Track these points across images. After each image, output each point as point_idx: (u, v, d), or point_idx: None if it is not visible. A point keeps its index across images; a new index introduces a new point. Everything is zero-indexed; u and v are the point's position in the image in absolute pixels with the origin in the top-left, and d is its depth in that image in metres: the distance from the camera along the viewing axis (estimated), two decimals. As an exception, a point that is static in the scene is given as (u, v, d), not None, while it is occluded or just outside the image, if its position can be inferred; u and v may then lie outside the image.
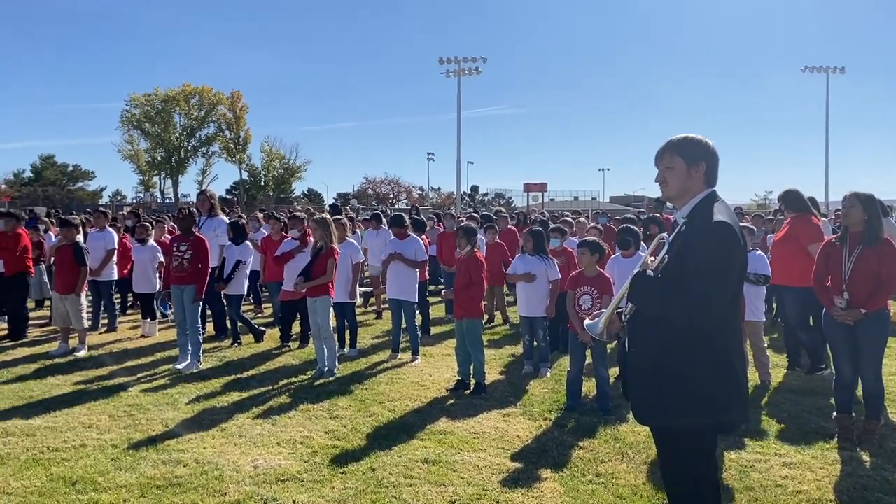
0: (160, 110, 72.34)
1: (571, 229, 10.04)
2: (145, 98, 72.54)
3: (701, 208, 3.10)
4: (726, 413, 3.06)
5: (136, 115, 72.58)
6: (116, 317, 10.86)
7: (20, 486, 4.68)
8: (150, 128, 72.50)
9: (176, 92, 72.75)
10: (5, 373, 7.90)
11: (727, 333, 3.06)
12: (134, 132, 73.31)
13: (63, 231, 9.41)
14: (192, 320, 8.14)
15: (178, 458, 5.22)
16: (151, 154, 74.03)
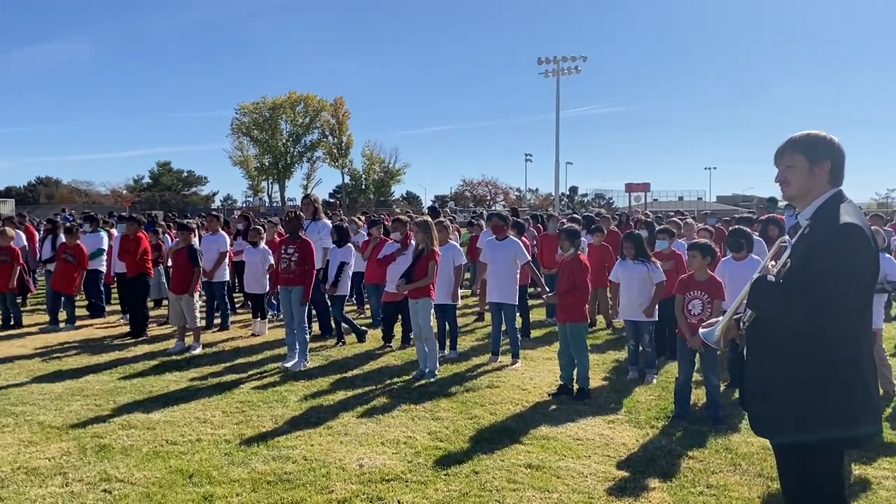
0: (268, 118, 75.27)
1: (679, 231, 9.72)
2: (254, 106, 75.65)
3: (826, 209, 2.92)
4: (855, 427, 2.85)
5: (246, 122, 75.83)
6: (229, 316, 11.32)
7: (142, 477, 4.93)
8: (259, 135, 75.54)
9: (282, 100, 75.51)
10: (128, 368, 8.37)
11: (857, 343, 2.86)
12: (243, 139, 76.70)
13: (180, 234, 9.90)
14: (300, 320, 8.38)
15: (287, 455, 5.37)
16: (259, 160, 77.13)
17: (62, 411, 6.51)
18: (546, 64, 51.57)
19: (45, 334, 10.67)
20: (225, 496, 4.62)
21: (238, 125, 76.05)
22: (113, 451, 5.45)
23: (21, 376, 7.93)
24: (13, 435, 5.82)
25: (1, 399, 6.94)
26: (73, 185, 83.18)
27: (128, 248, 10.68)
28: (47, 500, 4.53)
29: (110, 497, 4.60)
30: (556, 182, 54.90)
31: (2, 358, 8.89)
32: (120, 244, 11.02)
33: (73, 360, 8.78)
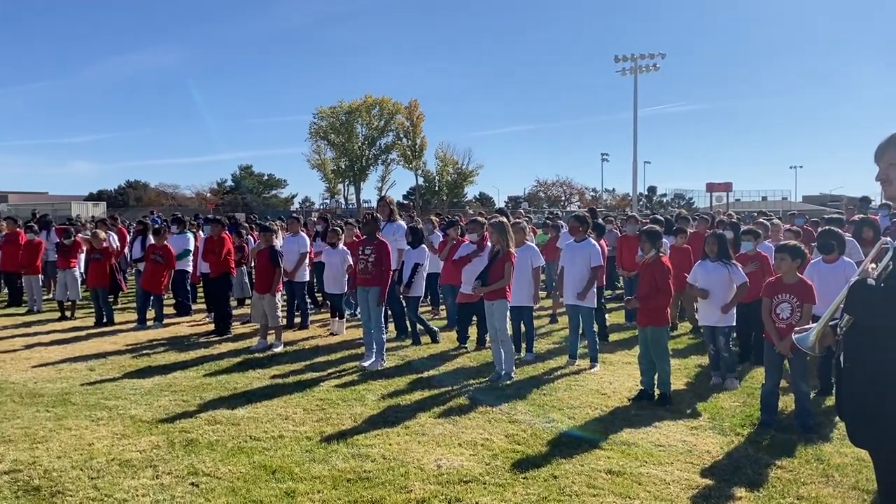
0: (344, 121, 76.64)
1: (765, 232, 9.37)
2: (331, 110, 77.17)
3: (934, 209, 2.75)
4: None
5: (323, 126, 77.42)
6: (308, 315, 11.56)
7: (228, 472, 5.07)
8: (336, 138, 77.00)
9: (358, 104, 76.74)
10: (213, 365, 8.64)
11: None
12: (321, 143, 78.33)
13: (262, 236, 10.17)
14: (377, 320, 8.48)
15: (366, 454, 5.43)
16: (336, 163, 78.59)
17: (152, 406, 6.78)
18: (623, 62, 50.75)
19: (135, 332, 11.13)
20: (307, 492, 4.71)
21: (316, 129, 77.73)
22: (199, 445, 5.63)
23: (113, 372, 8.29)
24: (107, 428, 6.09)
25: (95, 393, 7.27)
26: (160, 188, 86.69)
27: (212, 249, 11.03)
28: (139, 492, 4.71)
29: (198, 490, 4.74)
30: (633, 182, 53.94)
31: (96, 354, 9.32)
32: (205, 245, 11.39)
33: (161, 357, 9.13)
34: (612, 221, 14.76)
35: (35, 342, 10.17)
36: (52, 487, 4.77)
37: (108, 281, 11.93)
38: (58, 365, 8.64)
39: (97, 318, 11.85)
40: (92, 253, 12.08)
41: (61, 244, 13.06)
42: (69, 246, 12.74)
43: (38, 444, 5.64)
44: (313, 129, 77.87)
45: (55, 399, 7.03)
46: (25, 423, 6.23)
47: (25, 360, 8.90)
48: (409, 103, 77.70)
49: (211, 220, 11.97)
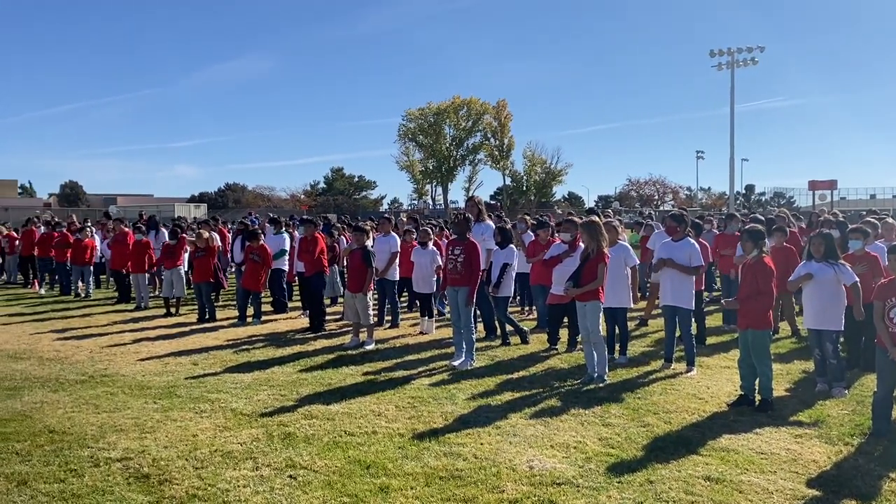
0: (432, 123, 77.29)
1: (875, 231, 8.85)
2: (419, 112, 77.99)
3: None
4: None
5: (412, 128, 78.32)
6: (399, 314, 11.71)
7: (324, 465, 5.19)
8: (424, 139, 77.76)
9: (446, 105, 77.23)
10: (308, 361, 8.87)
11: None
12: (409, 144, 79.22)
13: (355, 236, 10.37)
14: (466, 320, 8.49)
15: (458, 452, 5.45)
16: (424, 164, 79.34)
17: (251, 400, 7.01)
18: (719, 56, 49.01)
19: (235, 328, 11.56)
20: (400, 489, 4.76)
21: (405, 131, 78.73)
22: (297, 439, 5.79)
23: (216, 366, 8.63)
24: (210, 420, 6.34)
25: (199, 386, 7.59)
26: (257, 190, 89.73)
27: (307, 249, 11.34)
28: (240, 483, 4.88)
29: (295, 483, 4.87)
30: (730, 180, 52.01)
31: (199, 349, 9.73)
32: (300, 245, 11.72)
33: (259, 353, 9.45)
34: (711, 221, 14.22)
35: (142, 337, 10.71)
36: (160, 476, 5.00)
37: (211, 278, 12.43)
38: (164, 359, 9.07)
39: (200, 315, 12.37)
40: (196, 251, 12.62)
41: (167, 244, 13.71)
42: (174, 245, 13.38)
43: (147, 434, 5.93)
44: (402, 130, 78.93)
45: (161, 391, 7.38)
46: (135, 413, 6.57)
47: (134, 354, 9.39)
48: (497, 103, 77.62)
49: (305, 221, 12.30)
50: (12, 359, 9.09)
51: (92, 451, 5.51)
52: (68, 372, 8.31)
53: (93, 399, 7.07)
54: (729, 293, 10.67)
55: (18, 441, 5.75)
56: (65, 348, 9.80)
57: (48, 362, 8.89)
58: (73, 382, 7.79)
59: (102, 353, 9.43)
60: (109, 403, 6.91)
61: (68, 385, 7.67)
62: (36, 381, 7.88)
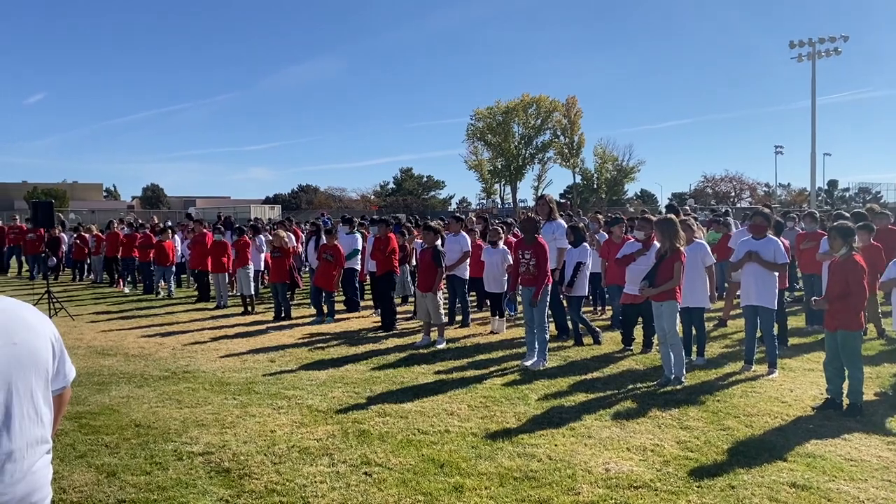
0: (501, 122, 77.02)
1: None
2: (488, 111, 77.83)
3: None
4: None
5: (480, 127, 78.22)
6: (469, 313, 11.71)
7: (398, 463, 5.22)
8: (492, 138, 77.56)
9: (515, 103, 76.84)
10: (381, 359, 8.95)
11: None
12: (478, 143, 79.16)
13: (425, 236, 10.41)
14: (539, 320, 8.42)
15: (532, 453, 5.40)
16: (493, 163, 79.17)
17: (326, 397, 7.12)
18: (800, 47, 47.12)
19: (309, 326, 11.78)
20: (474, 488, 4.75)
21: (473, 130, 78.71)
22: (371, 436, 5.84)
23: (291, 363, 8.80)
24: (287, 416, 6.47)
25: (276, 383, 7.76)
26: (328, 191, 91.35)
27: (379, 248, 11.47)
28: (317, 479, 4.95)
29: (370, 480, 4.92)
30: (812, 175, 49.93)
31: (276, 346, 9.96)
32: (373, 245, 11.86)
33: (333, 350, 9.60)
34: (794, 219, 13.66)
35: (222, 335, 11.02)
36: (240, 470, 5.13)
37: (287, 277, 12.70)
38: (242, 356, 9.31)
39: (276, 313, 12.66)
40: (273, 252, 12.92)
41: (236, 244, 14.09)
42: (241, 245, 13.74)
43: (227, 429, 6.09)
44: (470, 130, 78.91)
45: (240, 388, 7.58)
46: (215, 409, 6.76)
47: (214, 351, 9.67)
48: (567, 100, 76.74)
49: (377, 221, 12.43)
50: (100, 355, 9.49)
51: (175, 444, 5.69)
52: (152, 368, 8.62)
53: (176, 394, 7.31)
54: (812, 292, 10.27)
55: (107, 434, 6.00)
56: (149, 345, 10.18)
57: (133, 358, 9.25)
58: (157, 378, 8.08)
59: (184, 350, 9.75)
60: (191, 399, 7.13)
61: (152, 381, 7.96)
62: (122, 376, 8.20)
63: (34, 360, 2.37)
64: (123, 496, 4.69)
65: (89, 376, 8.12)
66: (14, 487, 2.28)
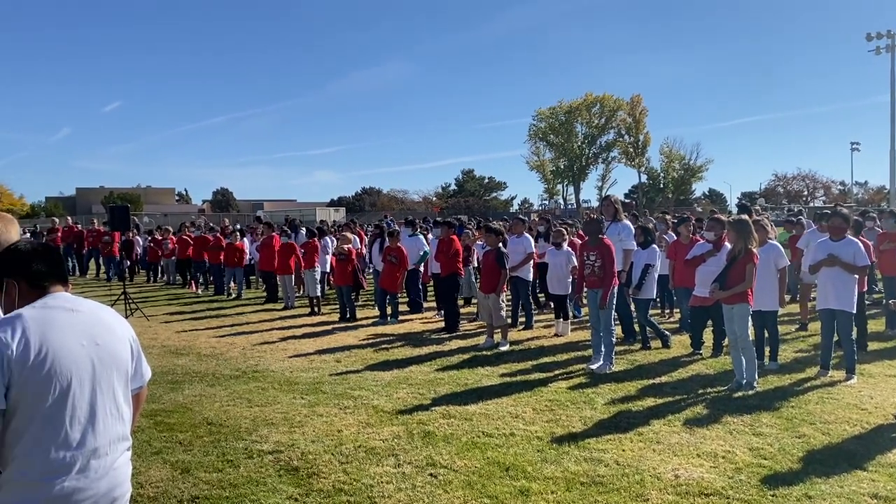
0: (563, 122, 76.47)
1: None
2: (550, 111, 77.39)
3: None
4: None
5: (542, 128, 77.86)
6: (532, 315, 11.64)
7: (463, 465, 5.23)
8: (555, 139, 77.09)
9: (578, 103, 76.19)
10: (444, 361, 8.98)
11: None
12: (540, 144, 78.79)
13: (487, 238, 10.40)
14: (605, 323, 8.30)
15: (599, 458, 5.32)
16: (555, 163, 78.64)
17: (391, 397, 7.18)
18: (877, 39, 45.15)
19: (374, 327, 11.91)
20: (541, 492, 4.71)
21: (535, 131, 78.41)
22: (436, 438, 5.86)
23: (357, 364, 8.91)
24: (353, 416, 6.55)
25: (342, 383, 7.87)
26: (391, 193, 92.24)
27: (443, 250, 11.51)
28: (383, 479, 5.00)
29: (436, 481, 4.94)
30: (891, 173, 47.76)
31: (341, 347, 10.10)
32: (437, 246, 11.92)
33: (398, 352, 9.68)
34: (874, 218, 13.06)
35: (289, 335, 11.25)
36: (308, 469, 5.22)
37: (351, 279, 12.88)
38: (309, 356, 9.47)
39: (341, 314, 12.85)
40: (338, 254, 13.11)
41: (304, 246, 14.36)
42: (309, 248, 13.99)
43: (296, 429, 6.20)
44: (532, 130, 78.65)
45: (308, 387, 7.71)
46: (284, 408, 6.89)
47: (282, 351, 9.87)
48: (632, 98, 75.70)
49: (441, 223, 12.49)
50: (174, 354, 9.80)
51: (246, 443, 5.83)
52: (223, 367, 8.86)
53: (246, 393, 7.49)
54: (893, 295, 9.84)
55: (181, 431, 6.19)
56: (220, 345, 10.46)
57: (205, 358, 9.52)
58: (227, 377, 8.30)
59: (253, 350, 9.99)
60: (261, 398, 7.30)
61: (224, 380, 8.18)
62: (195, 375, 8.45)
63: (115, 360, 2.46)
64: (197, 492, 4.82)
65: (164, 375, 8.39)
66: (98, 483, 2.37)
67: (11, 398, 2.24)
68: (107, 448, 2.41)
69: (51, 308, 2.38)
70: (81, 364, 2.35)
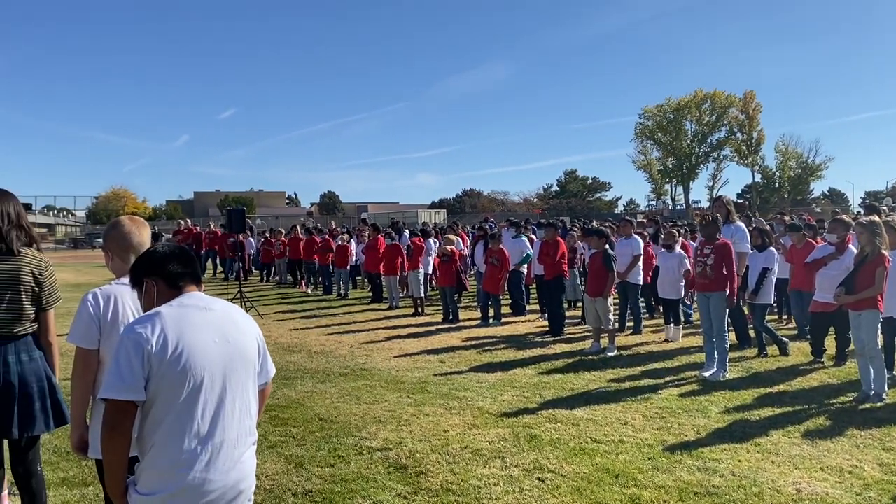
0: (672, 119, 74.26)
1: None
2: (657, 109, 75.33)
3: None
4: None
5: (649, 126, 75.90)
6: (641, 320, 11.35)
7: (571, 471, 5.15)
8: (662, 137, 75.00)
9: (687, 99, 73.83)
10: (549, 365, 8.89)
11: None
12: (647, 142, 76.86)
13: (592, 240, 10.22)
14: (719, 328, 8.00)
15: (714, 468, 5.13)
16: (663, 162, 76.48)
17: (496, 399, 7.18)
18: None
19: (477, 328, 11.95)
20: (652, 501, 4.58)
21: (642, 129, 76.53)
22: (542, 442, 5.81)
23: (461, 365, 8.96)
24: (459, 417, 6.59)
25: (447, 384, 7.93)
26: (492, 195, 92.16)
27: (547, 252, 11.41)
28: (490, 481, 4.99)
29: (544, 486, 4.89)
30: None
31: (445, 347, 10.19)
32: (540, 248, 11.84)
33: (501, 354, 9.66)
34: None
35: (395, 335, 11.45)
36: (416, 467, 5.29)
37: (455, 281, 12.97)
38: (414, 356, 9.60)
39: (445, 315, 12.96)
40: (442, 256, 13.24)
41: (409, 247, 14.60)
42: (414, 249, 14.19)
43: (403, 427, 6.30)
44: (639, 129, 76.81)
45: (414, 386, 7.82)
46: (391, 406, 7.01)
47: (388, 350, 10.05)
48: (744, 94, 72.63)
49: (546, 225, 12.38)
50: (286, 351, 10.17)
51: (356, 439, 5.97)
52: (333, 365, 9.11)
53: (354, 391, 7.68)
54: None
55: (294, 426, 6.40)
56: (329, 343, 10.77)
57: (316, 355, 9.82)
58: (337, 375, 8.53)
59: (361, 349, 10.22)
60: (369, 396, 7.46)
61: (333, 377, 8.41)
62: (306, 372, 8.73)
63: (244, 357, 2.58)
64: (310, 486, 4.98)
65: (277, 371, 8.56)
66: (227, 475, 2.49)
67: (150, 390, 2.38)
68: (234, 441, 2.53)
69: (186, 307, 2.51)
70: (213, 360, 2.47)
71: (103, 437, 2.40)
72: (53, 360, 3.88)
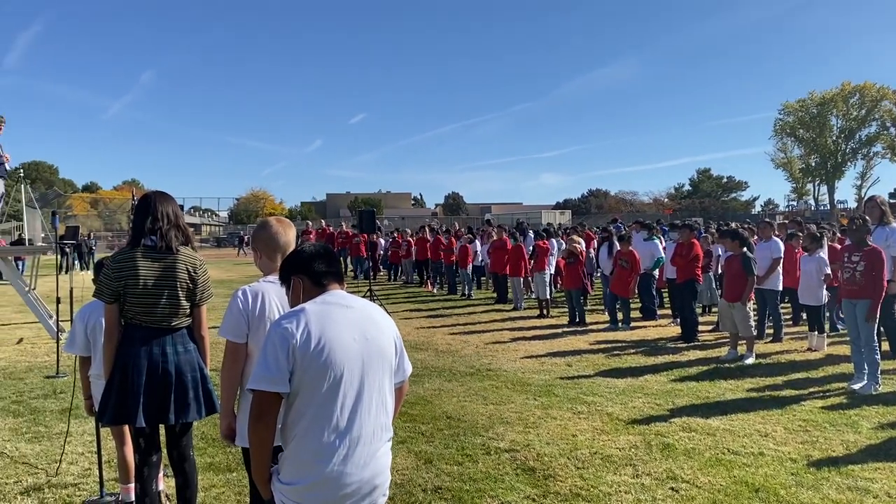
0: (815, 115, 69.78)
1: None
2: (799, 104, 71.04)
3: None
4: None
5: (790, 122, 71.67)
6: (782, 327, 10.74)
7: (707, 482, 4.95)
8: (804, 133, 70.64)
9: (833, 93, 69.16)
10: (682, 371, 8.58)
11: None
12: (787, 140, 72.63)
13: (727, 243, 9.76)
14: (867, 338, 7.43)
15: (866, 487, 4.77)
16: (805, 160, 72.03)
17: (626, 406, 7.00)
18: None
19: (605, 332, 11.71)
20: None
21: (781, 126, 72.38)
22: (676, 451, 5.61)
23: (588, 369, 8.81)
24: (587, 422, 6.48)
25: (574, 388, 7.82)
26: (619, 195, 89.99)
27: (681, 254, 11.03)
28: (621, 488, 4.88)
29: (678, 496, 4.72)
30: None
31: (571, 350, 10.05)
32: (675, 250, 11.46)
33: (630, 359, 9.42)
34: None
35: (520, 336, 11.42)
36: (544, 470, 5.24)
37: (580, 283, 12.78)
38: (540, 358, 9.54)
39: (570, 318, 12.79)
40: (567, 257, 13.08)
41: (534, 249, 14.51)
42: (540, 250, 14.10)
43: (530, 429, 6.27)
44: (778, 125, 72.66)
45: (540, 389, 7.76)
46: (518, 408, 7.00)
47: (514, 352, 10.04)
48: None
49: (681, 226, 11.96)
50: (414, 349, 10.37)
51: (483, 439, 6.00)
52: (459, 364, 9.20)
53: (481, 391, 7.72)
54: None
55: (423, 423, 6.52)
56: (455, 342, 10.89)
57: (442, 354, 9.96)
58: (463, 374, 8.61)
59: (486, 349, 10.27)
60: (495, 396, 7.48)
61: (460, 376, 8.49)
62: (433, 370, 8.87)
63: (382, 355, 2.65)
64: (439, 483, 5.05)
65: (406, 369, 8.90)
66: (363, 470, 2.56)
67: (294, 383, 2.49)
68: (371, 437, 2.60)
69: (329, 304, 2.61)
70: (353, 356, 2.55)
71: (250, 427, 2.52)
72: (205, 352, 4.13)
